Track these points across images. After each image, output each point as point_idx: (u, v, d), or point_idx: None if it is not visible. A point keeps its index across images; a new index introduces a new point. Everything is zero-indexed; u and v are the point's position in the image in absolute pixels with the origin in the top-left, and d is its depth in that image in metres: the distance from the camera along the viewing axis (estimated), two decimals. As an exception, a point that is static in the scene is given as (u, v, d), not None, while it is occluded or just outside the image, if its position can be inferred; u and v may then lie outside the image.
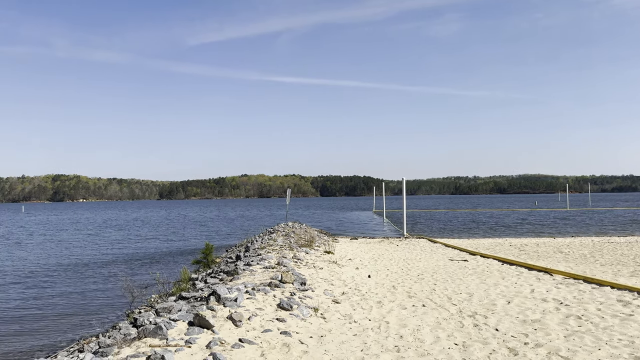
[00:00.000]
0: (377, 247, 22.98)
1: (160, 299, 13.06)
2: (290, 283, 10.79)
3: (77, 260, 24.20)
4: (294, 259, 15.55)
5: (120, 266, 21.93)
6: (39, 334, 11.08)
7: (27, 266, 22.39)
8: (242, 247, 22.76)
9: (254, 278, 11.74)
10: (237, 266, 13.77)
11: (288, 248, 18.61)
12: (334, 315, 8.79)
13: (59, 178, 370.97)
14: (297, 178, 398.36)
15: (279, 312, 8.51)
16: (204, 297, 9.08)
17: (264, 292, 9.73)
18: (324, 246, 21.21)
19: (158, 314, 8.17)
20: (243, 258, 16.49)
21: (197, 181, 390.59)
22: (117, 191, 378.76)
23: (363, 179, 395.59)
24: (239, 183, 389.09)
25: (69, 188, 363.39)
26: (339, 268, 15.06)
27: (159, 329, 6.82)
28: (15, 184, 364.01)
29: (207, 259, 18.18)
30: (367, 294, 11.01)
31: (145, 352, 6.00)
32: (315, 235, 26.87)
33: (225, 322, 7.53)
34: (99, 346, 6.96)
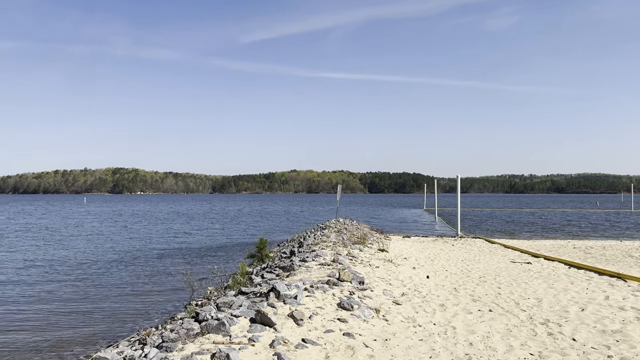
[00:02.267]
0: (431, 246, 22.34)
1: (217, 291, 13.15)
2: (349, 281, 10.54)
3: (135, 251, 25.02)
4: (348, 257, 15.29)
5: (176, 257, 22.45)
6: (99, 323, 11.38)
7: (88, 256, 23.35)
8: (295, 242, 22.74)
9: (311, 275, 11.57)
10: (292, 262, 13.67)
11: (342, 245, 18.38)
12: (396, 318, 8.46)
13: (118, 171, 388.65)
14: (345, 174, 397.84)
15: (340, 311, 8.28)
16: (263, 293, 8.98)
17: (322, 290, 9.53)
18: (377, 244, 20.82)
19: (219, 308, 8.13)
20: (297, 254, 16.40)
21: (248, 176, 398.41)
22: (173, 184, 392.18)
23: (413, 176, 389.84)
24: (288, 178, 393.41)
25: (127, 181, 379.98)
26: (395, 267, 14.66)
27: (222, 325, 6.75)
28: (78, 176, 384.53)
29: (262, 253, 18.21)
30: (428, 296, 10.59)
31: (209, 349, 5.91)
32: (367, 232, 26.50)
33: (287, 320, 7.37)
34: (162, 340, 6.96)
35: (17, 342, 9.75)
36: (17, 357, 8.90)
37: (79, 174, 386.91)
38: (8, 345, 9.63)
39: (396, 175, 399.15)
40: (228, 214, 66.18)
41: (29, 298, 13.92)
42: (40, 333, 10.44)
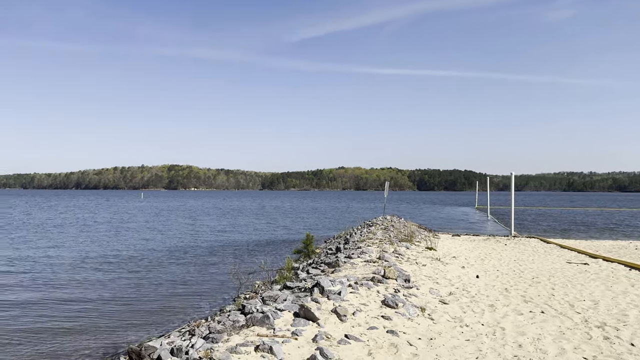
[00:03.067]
0: (482, 245, 21.74)
1: (264, 285, 13.38)
2: (394, 279, 10.44)
3: (187, 245, 25.84)
4: (394, 254, 15.14)
5: (225, 252, 22.99)
6: (153, 314, 11.81)
7: (141, 250, 24.33)
8: (341, 239, 22.75)
9: (356, 271, 11.54)
10: (337, 258, 13.69)
11: (388, 242, 18.22)
12: (443, 317, 8.29)
13: (173, 168, 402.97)
14: (393, 171, 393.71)
15: (384, 309, 8.21)
16: (307, 288, 9.04)
17: (367, 286, 9.49)
18: (425, 242, 20.48)
19: (264, 302, 8.27)
20: (343, 250, 16.40)
21: (296, 173, 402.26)
22: (224, 181, 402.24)
23: (464, 173, 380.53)
24: (335, 175, 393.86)
25: (182, 177, 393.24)
26: (443, 266, 14.37)
27: (266, 318, 6.85)
28: (136, 173, 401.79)
29: (308, 249, 18.37)
30: (477, 296, 10.31)
31: (253, 342, 6.02)
32: (415, 230, 26.12)
33: (330, 316, 7.39)
34: (209, 331, 7.15)
35: (74, 330, 10.30)
36: (75, 344, 9.41)
37: (137, 170, 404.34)
38: (66, 332, 10.19)
39: (446, 173, 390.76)
40: (276, 210, 67.12)
41: (85, 290, 14.67)
42: (96, 322, 10.98)
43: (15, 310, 11.86)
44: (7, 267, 18.38)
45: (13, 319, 11.05)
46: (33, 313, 11.59)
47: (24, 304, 12.47)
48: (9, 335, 9.83)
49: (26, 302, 12.74)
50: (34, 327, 10.45)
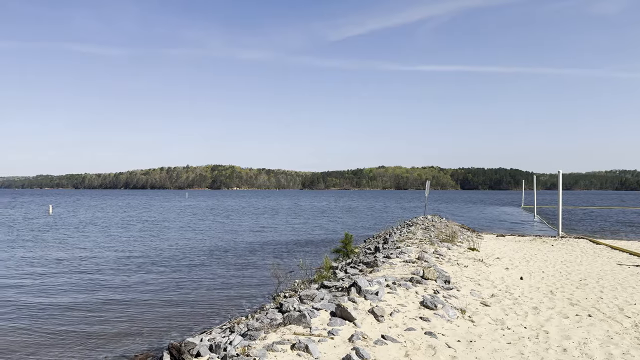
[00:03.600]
0: (528, 246, 21.06)
1: (303, 284, 13.46)
2: (433, 280, 10.27)
3: (228, 244, 26.34)
4: (435, 254, 14.90)
5: (265, 251, 23.28)
6: (195, 311, 12.11)
7: (183, 249, 24.98)
8: (380, 238, 22.59)
9: (394, 272, 11.43)
10: (376, 258, 13.61)
11: (428, 242, 17.95)
12: (484, 319, 8.09)
13: (216, 168, 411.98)
14: (435, 170, 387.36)
15: (422, 310, 8.09)
16: (345, 288, 9.03)
17: (405, 287, 9.38)
18: (467, 242, 20.04)
19: (302, 300, 8.31)
20: (382, 250, 16.29)
21: (336, 172, 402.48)
22: (265, 180, 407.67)
23: (509, 172, 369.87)
24: (375, 174, 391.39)
25: (225, 177, 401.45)
26: (486, 267, 14.02)
27: (303, 317, 6.89)
28: (181, 173, 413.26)
29: (347, 249, 18.34)
30: (520, 298, 10.00)
31: (289, 340, 6.07)
32: (457, 230, 25.59)
33: (367, 316, 7.35)
34: (247, 328, 7.27)
35: (120, 327, 10.70)
36: (121, 339, 9.78)
37: (182, 170, 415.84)
38: (112, 328, 10.60)
39: (491, 171, 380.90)
40: (315, 210, 67.38)
41: (130, 287, 15.20)
42: (141, 319, 11.36)
43: (62, 308, 12.43)
44: (55, 266, 19.29)
45: (61, 316, 11.59)
46: (80, 310, 12.12)
47: (71, 302, 13.05)
48: (58, 332, 10.31)
49: (73, 300, 13.34)
50: (82, 324, 10.92)
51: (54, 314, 11.66)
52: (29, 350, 9.03)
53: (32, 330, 10.22)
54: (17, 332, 10.12)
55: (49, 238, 28.94)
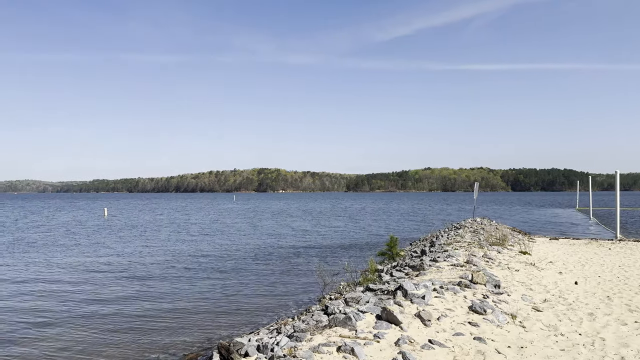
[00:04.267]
0: (583, 249, 20.15)
1: (348, 287, 13.46)
2: (482, 284, 10.02)
3: (273, 246, 26.68)
4: (484, 258, 14.52)
5: (310, 253, 23.42)
6: (243, 311, 12.36)
7: (231, 250, 25.51)
8: (427, 241, 22.25)
9: (441, 275, 11.24)
10: (422, 261, 13.42)
11: (477, 246, 17.51)
12: (536, 325, 7.81)
13: (263, 171, 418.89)
14: (485, 171, 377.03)
15: (471, 315, 7.91)
16: (390, 291, 8.96)
17: (453, 291, 9.20)
18: (519, 246, 19.40)
19: (347, 303, 8.32)
20: (429, 253, 16.04)
21: (381, 174, 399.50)
22: (310, 183, 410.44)
23: (563, 172, 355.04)
24: (422, 176, 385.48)
25: (270, 180, 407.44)
26: (538, 271, 13.53)
27: (349, 320, 6.89)
28: (229, 176, 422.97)
29: (392, 252, 18.17)
30: (575, 304, 9.59)
31: (335, 342, 6.09)
32: (508, 233, 24.82)
33: (413, 320, 7.26)
34: (294, 329, 7.35)
35: (170, 326, 11.07)
36: (172, 339, 10.11)
37: (230, 174, 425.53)
38: (163, 328, 10.98)
39: (544, 172, 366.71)
40: (360, 212, 67.13)
41: (179, 288, 15.68)
42: (190, 318, 11.70)
43: (113, 307, 12.97)
44: (108, 268, 20.15)
45: (113, 316, 12.10)
46: (131, 311, 12.60)
47: (121, 302, 13.60)
48: (110, 332, 10.77)
49: (124, 301, 13.88)
50: (134, 324, 11.37)
51: (107, 314, 12.18)
52: (83, 351, 9.41)
53: (86, 331, 10.68)
54: (71, 332, 10.60)
55: (103, 241, 30.30)
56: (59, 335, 10.38)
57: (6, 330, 10.84)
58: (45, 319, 11.67)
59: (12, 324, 11.30)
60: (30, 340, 10.09)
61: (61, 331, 10.69)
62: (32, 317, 11.93)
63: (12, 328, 11.00)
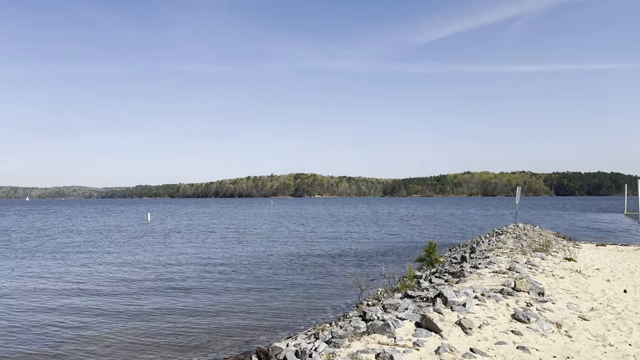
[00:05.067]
0: (632, 256, 19.27)
1: (386, 293, 13.33)
2: (526, 292, 9.73)
3: (309, 251, 26.74)
4: (527, 265, 14.10)
5: (347, 258, 23.34)
6: (280, 316, 12.42)
7: (268, 254, 25.72)
8: (467, 247, 21.81)
9: (482, 282, 10.98)
10: (463, 268, 13.16)
11: (520, 252, 17.04)
12: (582, 335, 7.52)
13: (299, 176, 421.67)
14: (527, 175, 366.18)
15: (514, 323, 7.70)
16: (430, 298, 8.83)
17: (494, 299, 8.98)
18: (563, 252, 18.75)
19: (385, 309, 8.25)
20: (469, 260, 15.72)
21: (419, 179, 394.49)
22: (347, 188, 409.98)
23: (610, 176, 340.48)
24: (461, 181, 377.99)
25: (307, 185, 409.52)
26: (584, 279, 13.03)
27: (387, 327, 6.83)
28: (266, 181, 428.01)
29: (431, 258, 17.90)
30: (624, 313, 9.17)
31: (374, 349, 6.04)
32: (552, 239, 24.01)
33: (454, 328, 7.13)
34: (331, 335, 7.34)
35: (209, 330, 11.24)
36: (211, 342, 10.28)
37: (267, 179, 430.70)
38: (202, 331, 11.17)
39: (589, 176, 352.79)
40: (396, 217, 66.46)
41: (217, 292, 15.93)
42: (227, 322, 11.86)
43: (154, 311, 13.27)
44: (149, 271, 20.68)
45: (152, 319, 12.39)
46: (171, 314, 12.87)
47: (162, 306, 13.91)
48: (150, 335, 11.03)
49: (164, 304, 14.21)
50: (173, 327, 11.61)
51: (146, 317, 12.48)
52: (123, 352, 9.65)
53: (125, 334, 10.93)
54: (111, 336, 10.85)
55: (146, 244, 31.17)
56: (99, 337, 10.70)
57: (47, 331, 11.26)
58: (85, 321, 12.06)
59: (53, 325, 11.73)
60: (69, 342, 10.41)
61: (101, 333, 11.01)
62: (73, 317, 12.38)
63: (52, 329, 11.41)
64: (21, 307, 13.75)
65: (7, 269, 20.73)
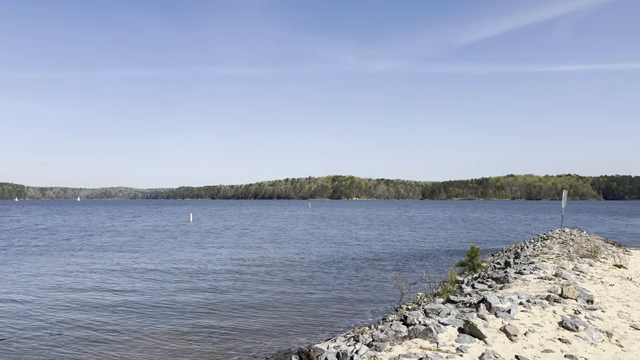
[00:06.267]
0: (690, 264, 18.26)
1: (426, 297, 13.18)
2: (573, 299, 9.41)
3: (348, 253, 26.70)
4: (574, 271, 13.63)
5: (385, 261, 23.16)
6: (319, 318, 12.46)
7: (307, 256, 25.85)
8: (511, 252, 21.27)
9: (528, 289, 10.69)
10: (507, 273, 12.85)
11: (566, 258, 16.48)
12: (635, 345, 7.21)
13: (337, 179, 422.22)
14: (573, 178, 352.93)
15: (561, 331, 7.46)
16: (473, 304, 8.68)
17: (541, 306, 8.74)
18: (613, 258, 17.98)
19: (427, 314, 8.16)
20: (513, 265, 15.33)
21: (459, 181, 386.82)
22: (385, 190, 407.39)
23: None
24: (503, 184, 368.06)
25: (344, 187, 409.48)
26: (636, 287, 12.46)
27: (429, 332, 6.77)
28: (304, 183, 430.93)
29: (473, 262, 17.55)
30: (682, 325, 8.71)
31: (416, 354, 6.00)
32: (600, 245, 23.07)
33: (498, 334, 6.98)
34: (372, 339, 7.33)
35: (250, 329, 11.41)
36: (251, 342, 10.44)
37: (305, 181, 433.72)
38: (242, 331, 11.35)
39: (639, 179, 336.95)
40: (436, 220, 65.43)
41: (258, 292, 16.14)
42: (267, 322, 12.01)
43: (195, 310, 13.56)
44: (192, 271, 21.15)
45: (194, 318, 12.69)
46: (212, 312, 13.15)
47: (203, 305, 14.20)
48: (191, 333, 11.30)
49: (206, 303, 14.51)
50: (214, 326, 11.85)
51: (188, 315, 12.76)
52: (163, 353, 9.84)
53: (165, 333, 11.16)
54: (151, 335, 11.08)
55: (189, 245, 31.96)
56: (138, 337, 10.97)
57: (84, 329, 11.57)
58: (124, 320, 12.37)
59: (90, 324, 12.05)
60: (109, 341, 10.62)
61: (140, 333, 11.26)
62: (110, 316, 12.75)
63: (88, 328, 11.71)
64: (58, 305, 14.20)
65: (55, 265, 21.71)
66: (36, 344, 10.45)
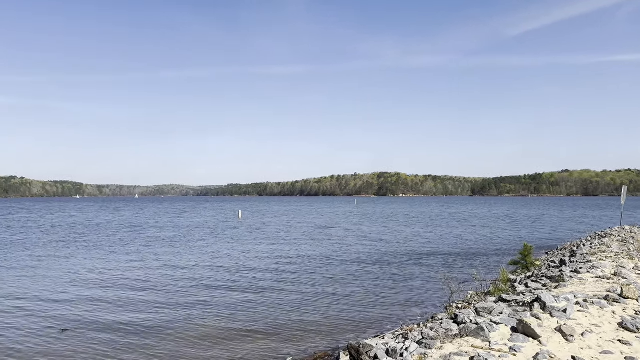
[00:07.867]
0: None
1: (477, 296, 12.94)
2: (634, 299, 8.99)
3: (395, 251, 26.50)
4: (635, 270, 12.99)
5: (434, 259, 22.82)
6: (367, 315, 12.48)
7: (354, 252, 25.86)
8: (566, 250, 20.49)
9: (584, 288, 10.30)
10: (562, 272, 12.41)
11: (626, 256, 15.71)
12: None
13: (382, 175, 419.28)
14: (633, 174, 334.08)
15: (621, 332, 7.16)
16: (526, 303, 8.46)
17: (598, 305, 8.41)
18: (679, 258, 16.98)
19: (478, 313, 8.03)
20: (569, 264, 14.78)
21: (511, 177, 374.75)
22: (432, 187, 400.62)
23: None
24: (558, 179, 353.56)
25: (390, 184, 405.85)
26: None
27: (481, 330, 6.67)
28: (350, 180, 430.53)
29: (526, 261, 17.04)
30: None
31: (467, 352, 5.94)
32: (665, 244, 21.82)
33: (553, 334, 6.79)
34: (422, 336, 7.30)
35: (300, 325, 11.59)
36: (301, 337, 10.61)
37: (350, 178, 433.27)
38: (292, 327, 11.54)
39: None
40: (486, 217, 63.73)
41: (305, 288, 16.32)
42: (316, 318, 12.15)
43: (246, 304, 13.91)
44: (243, 265, 21.62)
45: (246, 311, 13.01)
46: (263, 307, 13.43)
47: (254, 300, 14.54)
48: (243, 327, 11.58)
49: (257, 298, 14.84)
50: (266, 320, 12.10)
51: (239, 309, 13.10)
52: (213, 346, 10.08)
53: (214, 327, 11.40)
54: (202, 328, 11.36)
55: (239, 240, 32.71)
56: (189, 329, 11.33)
57: (129, 323, 12.00)
58: (173, 314, 12.83)
59: (133, 319, 12.48)
60: (155, 334, 10.96)
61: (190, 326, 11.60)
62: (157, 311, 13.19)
63: (132, 322, 12.11)
64: (104, 299, 14.81)
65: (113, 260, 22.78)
66: (94, 336, 11.04)
